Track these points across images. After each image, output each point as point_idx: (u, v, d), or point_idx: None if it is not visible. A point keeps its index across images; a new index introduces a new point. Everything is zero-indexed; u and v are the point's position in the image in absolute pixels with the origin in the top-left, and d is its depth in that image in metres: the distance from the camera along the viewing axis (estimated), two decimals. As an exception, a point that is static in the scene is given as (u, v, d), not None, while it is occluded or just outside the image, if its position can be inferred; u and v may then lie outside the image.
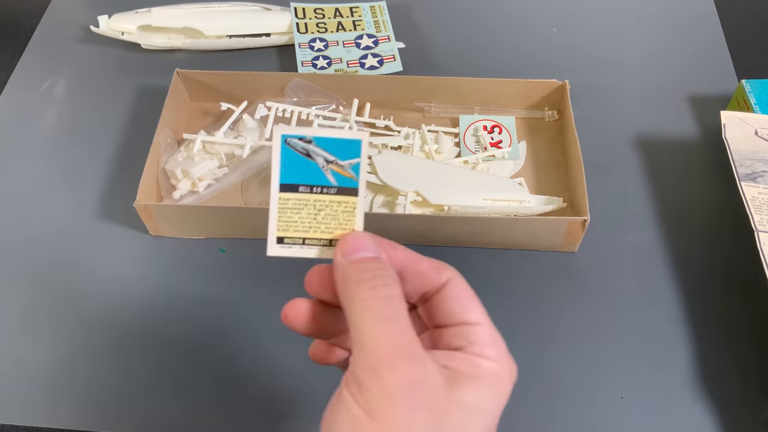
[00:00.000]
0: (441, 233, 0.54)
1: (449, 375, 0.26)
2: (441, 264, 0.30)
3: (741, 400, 0.48)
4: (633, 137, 0.63)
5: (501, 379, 0.27)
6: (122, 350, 0.51)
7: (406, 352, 0.25)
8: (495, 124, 0.63)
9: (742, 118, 0.57)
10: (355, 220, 0.30)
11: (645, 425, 0.47)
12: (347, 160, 0.29)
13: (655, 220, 0.58)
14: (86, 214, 0.59)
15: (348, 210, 0.30)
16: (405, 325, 0.26)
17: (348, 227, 0.30)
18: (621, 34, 0.73)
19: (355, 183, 0.30)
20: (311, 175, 0.30)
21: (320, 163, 0.29)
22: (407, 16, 0.75)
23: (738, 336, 0.51)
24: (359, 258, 0.28)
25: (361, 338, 0.25)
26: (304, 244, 0.30)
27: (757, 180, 0.53)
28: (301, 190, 0.30)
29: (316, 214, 0.30)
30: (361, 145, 0.29)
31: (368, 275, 0.27)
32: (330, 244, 0.30)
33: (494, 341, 0.28)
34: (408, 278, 0.29)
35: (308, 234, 0.30)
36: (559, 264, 0.55)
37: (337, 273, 0.28)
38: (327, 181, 0.30)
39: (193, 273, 0.55)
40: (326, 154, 0.29)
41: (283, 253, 0.30)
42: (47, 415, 0.48)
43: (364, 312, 0.26)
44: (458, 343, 0.28)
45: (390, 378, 0.24)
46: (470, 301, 0.29)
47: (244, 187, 0.60)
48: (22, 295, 0.54)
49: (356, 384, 0.25)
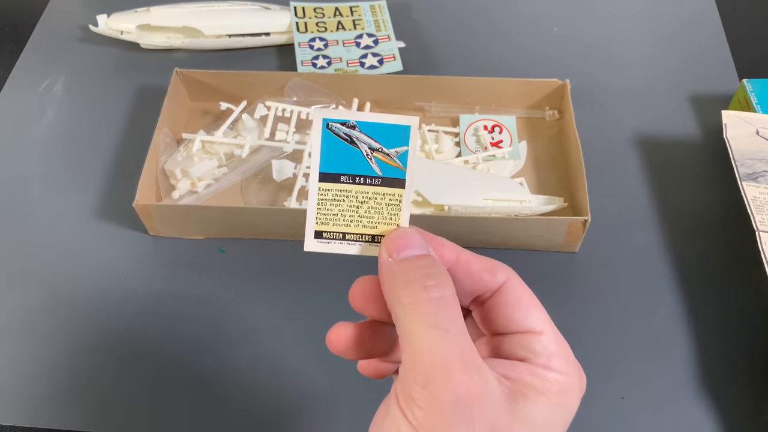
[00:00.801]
0: (441, 233, 0.54)
1: (512, 387, 0.24)
2: (495, 264, 0.27)
3: (741, 400, 0.48)
4: (634, 137, 0.63)
5: (570, 393, 0.25)
6: (122, 350, 0.51)
7: (462, 364, 0.22)
8: (495, 124, 0.63)
9: (744, 117, 0.57)
10: (400, 214, 0.27)
11: (645, 426, 0.47)
12: (394, 147, 0.27)
13: (656, 220, 0.57)
14: (85, 214, 0.59)
15: (393, 203, 0.27)
16: (461, 332, 0.23)
17: (393, 222, 0.27)
18: (622, 33, 0.73)
19: (402, 173, 0.27)
20: (354, 163, 0.27)
21: (364, 151, 0.27)
22: (407, 15, 0.75)
23: (738, 336, 0.51)
24: (407, 256, 0.25)
25: (413, 347, 0.23)
26: (344, 240, 0.28)
27: (758, 180, 0.52)
28: (343, 180, 0.27)
29: (358, 206, 0.27)
30: (410, 132, 0.27)
31: (418, 274, 0.24)
32: (373, 241, 0.28)
33: (562, 350, 0.25)
34: (458, 280, 0.26)
35: (349, 228, 0.28)
36: (559, 264, 0.55)
37: (383, 274, 0.25)
38: (371, 170, 0.27)
39: (192, 273, 0.55)
40: (371, 141, 0.27)
41: (322, 248, 0.28)
42: (47, 415, 0.48)
43: (415, 317, 0.23)
44: (521, 353, 0.25)
45: (444, 393, 0.21)
46: (532, 305, 0.26)
47: (244, 186, 0.59)
48: (22, 295, 0.54)
49: (406, 398, 0.22)
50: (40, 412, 0.48)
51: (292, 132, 0.61)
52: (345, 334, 0.27)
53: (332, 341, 0.27)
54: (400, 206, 0.27)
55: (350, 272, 0.29)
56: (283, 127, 0.61)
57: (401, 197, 0.27)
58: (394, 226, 0.27)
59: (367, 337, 0.28)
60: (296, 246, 0.56)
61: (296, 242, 0.55)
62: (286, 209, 0.55)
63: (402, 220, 0.27)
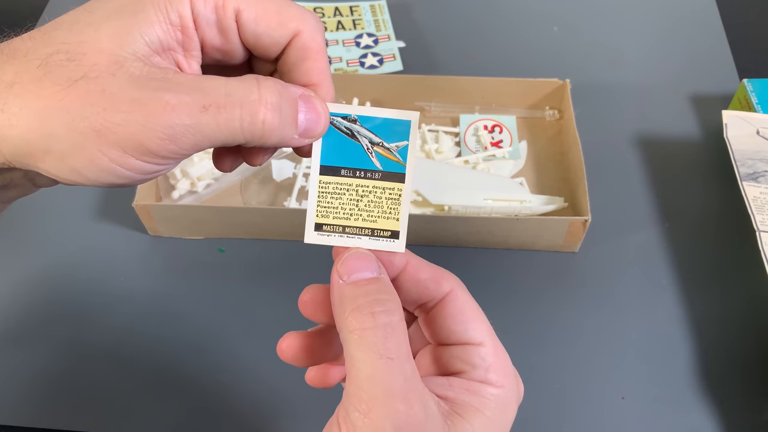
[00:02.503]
0: (441, 233, 0.54)
1: (450, 409, 0.24)
2: (442, 273, 0.28)
3: (742, 400, 0.48)
4: (634, 137, 0.63)
5: (507, 405, 0.25)
6: (121, 350, 0.51)
7: (403, 393, 0.23)
8: (495, 124, 0.63)
9: (744, 117, 0.57)
10: (400, 208, 0.28)
11: (646, 426, 0.47)
12: (394, 142, 0.27)
13: (657, 220, 0.57)
14: (85, 214, 0.59)
15: (393, 197, 0.28)
16: (405, 358, 0.24)
17: (393, 216, 0.28)
18: (622, 33, 0.73)
19: (402, 168, 0.27)
20: (354, 157, 0.27)
21: (365, 145, 0.27)
22: (407, 14, 0.75)
23: (739, 336, 0.51)
24: (358, 279, 0.26)
25: (357, 375, 0.23)
26: (344, 233, 0.28)
27: (758, 180, 0.52)
28: (343, 173, 0.28)
29: (359, 200, 0.28)
30: (411, 126, 0.27)
31: (367, 300, 0.25)
32: (372, 234, 0.28)
33: (500, 363, 0.26)
34: (405, 288, 0.27)
35: (349, 222, 0.28)
36: (560, 264, 0.55)
37: (334, 296, 0.26)
38: (371, 164, 0.27)
39: (192, 273, 0.55)
40: (372, 135, 0.27)
41: (321, 241, 0.28)
42: (47, 416, 0.48)
43: (361, 344, 0.24)
44: (459, 366, 0.26)
45: (385, 422, 0.22)
46: (473, 317, 0.27)
47: (243, 186, 0.59)
48: (21, 296, 0.54)
49: (348, 425, 0.23)
50: (40, 412, 0.48)
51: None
52: (294, 343, 0.28)
53: (282, 350, 0.28)
54: (399, 200, 0.28)
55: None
56: (283, 127, 0.61)
57: (401, 191, 0.28)
58: (394, 221, 0.28)
59: (317, 345, 0.28)
60: (296, 246, 0.56)
61: (296, 242, 0.55)
62: (286, 209, 0.54)
63: (402, 214, 0.28)
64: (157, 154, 0.23)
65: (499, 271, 0.55)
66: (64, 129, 0.22)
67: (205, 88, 0.23)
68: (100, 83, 0.23)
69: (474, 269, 0.55)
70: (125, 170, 0.24)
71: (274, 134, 0.25)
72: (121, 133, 0.22)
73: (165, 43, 0.25)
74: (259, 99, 0.24)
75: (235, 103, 0.23)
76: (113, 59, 0.23)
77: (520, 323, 0.52)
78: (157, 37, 0.24)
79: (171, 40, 0.25)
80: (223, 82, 0.24)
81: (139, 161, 0.23)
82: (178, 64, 0.26)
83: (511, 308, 0.52)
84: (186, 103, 0.23)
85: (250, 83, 0.24)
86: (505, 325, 0.52)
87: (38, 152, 0.23)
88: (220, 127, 0.23)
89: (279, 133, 0.25)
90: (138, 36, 0.24)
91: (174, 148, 0.23)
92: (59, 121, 0.22)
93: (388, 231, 0.28)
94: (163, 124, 0.23)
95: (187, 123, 0.23)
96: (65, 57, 0.23)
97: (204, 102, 0.23)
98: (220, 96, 0.23)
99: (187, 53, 0.26)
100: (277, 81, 0.25)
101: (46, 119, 0.22)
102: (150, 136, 0.23)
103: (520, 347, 0.50)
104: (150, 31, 0.24)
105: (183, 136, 0.23)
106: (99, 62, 0.23)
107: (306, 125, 0.26)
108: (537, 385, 0.49)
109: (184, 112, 0.23)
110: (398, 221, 0.28)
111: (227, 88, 0.24)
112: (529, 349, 0.50)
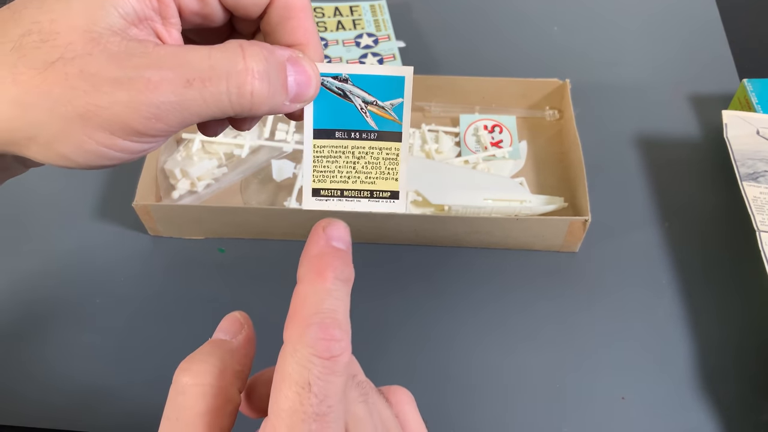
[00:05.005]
0: (441, 233, 0.54)
1: None
2: None
3: (742, 400, 0.48)
4: (634, 137, 0.63)
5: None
6: (121, 350, 0.51)
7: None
8: (495, 124, 0.63)
9: (744, 117, 0.57)
10: (398, 168, 0.27)
11: (646, 426, 0.47)
12: (388, 100, 0.27)
13: (657, 220, 0.57)
14: (85, 214, 0.59)
15: (391, 157, 0.27)
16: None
17: (391, 176, 0.27)
18: (622, 33, 0.73)
19: (398, 126, 0.27)
20: (349, 118, 0.27)
21: (358, 105, 0.27)
22: (407, 14, 0.75)
23: (739, 336, 0.51)
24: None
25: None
26: (342, 197, 0.27)
27: (758, 180, 0.52)
28: (338, 135, 0.27)
29: (355, 162, 0.27)
30: (405, 83, 0.26)
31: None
32: (372, 196, 0.27)
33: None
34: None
35: (347, 185, 0.27)
36: (559, 264, 0.55)
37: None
38: (366, 124, 0.27)
39: (192, 273, 0.55)
40: (365, 95, 0.26)
41: (320, 206, 0.27)
42: (47, 416, 0.48)
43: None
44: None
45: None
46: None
47: (243, 186, 0.59)
48: (21, 295, 0.54)
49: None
50: (40, 412, 0.48)
51: (291, 132, 0.60)
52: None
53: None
54: (397, 160, 0.27)
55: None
56: (283, 127, 0.61)
57: (398, 151, 0.27)
58: (393, 181, 0.27)
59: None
60: (296, 246, 0.55)
61: (296, 242, 0.55)
62: (286, 209, 0.54)
63: (400, 174, 0.27)
64: (144, 134, 0.23)
65: (499, 271, 0.55)
66: (46, 116, 0.22)
67: (188, 61, 0.23)
68: (78, 64, 0.22)
69: (474, 269, 0.55)
70: (114, 152, 0.23)
71: (264, 104, 0.24)
72: (106, 115, 0.22)
73: (141, 13, 0.24)
74: (245, 68, 0.23)
75: (220, 75, 0.23)
76: (88, 36, 0.22)
77: (520, 323, 0.52)
78: (131, 8, 0.23)
79: (147, 9, 0.24)
80: (206, 52, 0.23)
81: (127, 141, 0.23)
82: (158, 35, 0.25)
83: (511, 308, 0.52)
84: (169, 80, 0.22)
85: (234, 52, 0.23)
86: (504, 325, 0.52)
87: (23, 140, 0.23)
88: (207, 102, 0.23)
89: (269, 102, 0.24)
90: (111, 9, 0.23)
91: (161, 126, 0.23)
92: (41, 108, 0.22)
93: (388, 192, 0.27)
94: (147, 103, 0.22)
95: (173, 100, 0.22)
96: (38, 38, 0.22)
97: (188, 76, 0.22)
98: (204, 69, 0.23)
99: (165, 21, 0.25)
100: (263, 45, 0.24)
101: (27, 107, 0.22)
102: (135, 117, 0.22)
103: (520, 347, 0.50)
104: (123, 3, 0.23)
105: (169, 113, 0.22)
106: (74, 41, 0.22)
107: (297, 90, 0.25)
108: (537, 385, 0.49)
109: (168, 89, 0.22)
110: (397, 181, 0.27)
111: (211, 61, 0.23)
112: (529, 349, 0.50)
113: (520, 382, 0.49)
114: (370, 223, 0.54)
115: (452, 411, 0.48)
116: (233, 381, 0.24)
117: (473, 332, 0.51)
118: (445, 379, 0.49)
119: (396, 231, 0.54)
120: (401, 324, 0.52)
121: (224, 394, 0.24)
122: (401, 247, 0.55)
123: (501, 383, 0.49)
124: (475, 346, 0.50)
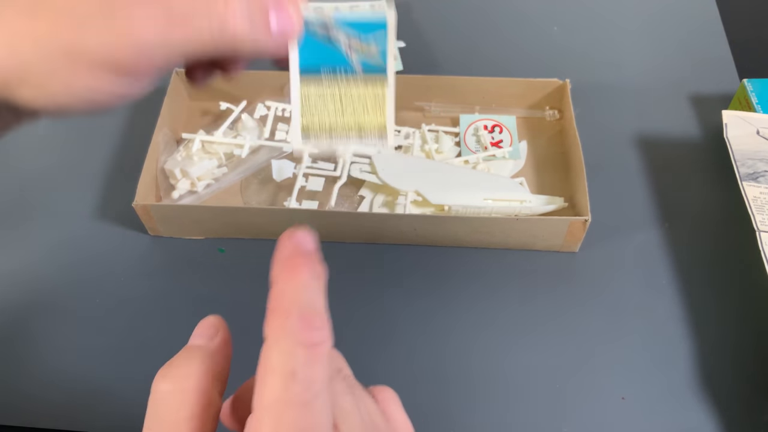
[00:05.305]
0: (441, 233, 0.54)
1: None
2: None
3: (742, 400, 0.48)
4: (634, 137, 0.63)
5: None
6: (121, 350, 0.51)
7: None
8: (495, 124, 0.63)
9: (744, 117, 0.57)
10: (385, 107, 0.27)
11: (646, 426, 0.47)
12: (372, 41, 0.27)
13: (657, 220, 0.57)
14: (84, 214, 0.59)
15: (377, 95, 0.27)
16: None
17: (379, 117, 0.27)
18: (622, 33, 0.73)
19: (382, 67, 0.27)
20: (333, 62, 0.27)
21: (343, 47, 0.27)
22: (407, 14, 0.75)
23: (739, 336, 0.51)
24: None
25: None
26: (331, 137, 0.28)
27: (758, 180, 0.52)
28: (324, 79, 0.27)
29: (343, 105, 0.27)
30: (387, 23, 0.27)
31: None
32: (360, 135, 0.28)
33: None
34: None
35: (335, 125, 0.27)
36: (559, 264, 0.55)
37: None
38: (351, 67, 0.27)
39: (192, 273, 0.55)
40: (348, 37, 0.27)
41: (309, 146, 0.28)
42: (47, 416, 0.48)
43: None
44: None
45: None
46: None
47: (244, 186, 0.59)
48: (21, 295, 0.54)
49: None
50: (40, 412, 0.48)
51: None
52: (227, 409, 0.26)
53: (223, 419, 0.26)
54: (384, 99, 0.27)
55: (351, 272, 0.29)
56: (283, 127, 0.61)
57: (384, 90, 0.27)
58: (380, 118, 0.27)
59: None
60: (296, 246, 0.55)
61: (296, 242, 0.55)
62: (286, 209, 0.54)
63: (387, 112, 0.27)
64: (130, 72, 0.23)
65: (499, 272, 0.55)
66: (34, 55, 0.22)
67: (171, 0, 0.23)
68: (64, 5, 0.22)
69: (474, 269, 0.55)
70: (101, 95, 0.24)
71: (246, 42, 0.24)
72: (91, 54, 0.23)
73: None
74: (226, 6, 0.23)
75: (202, 14, 0.23)
76: None
77: (520, 323, 0.52)
78: None
79: None
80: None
81: (114, 81, 0.23)
82: None
83: (511, 308, 0.52)
84: (152, 17, 0.23)
85: None
86: (505, 325, 0.52)
87: (13, 81, 0.23)
88: (189, 40, 0.23)
89: (252, 40, 0.24)
90: None
91: (147, 63, 0.23)
92: (28, 48, 0.22)
93: (375, 129, 0.28)
94: (132, 41, 0.23)
95: (157, 38, 0.23)
96: None
97: (170, 15, 0.23)
98: (186, 7, 0.23)
99: None
100: None
101: (15, 47, 0.22)
102: (122, 55, 0.23)
103: (520, 347, 0.50)
104: None
105: (153, 51, 0.23)
106: None
107: (279, 28, 0.25)
108: (537, 385, 0.49)
109: (152, 25, 0.23)
110: (384, 118, 0.27)
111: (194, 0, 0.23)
112: (529, 349, 0.50)
113: (520, 382, 0.49)
114: (370, 223, 0.54)
115: (452, 411, 0.48)
116: (214, 384, 0.24)
117: (473, 332, 0.51)
118: (445, 379, 0.49)
119: (396, 231, 0.54)
120: (401, 324, 0.52)
121: (206, 397, 0.23)
122: (401, 247, 0.55)
123: (501, 383, 0.49)
124: (475, 346, 0.50)
